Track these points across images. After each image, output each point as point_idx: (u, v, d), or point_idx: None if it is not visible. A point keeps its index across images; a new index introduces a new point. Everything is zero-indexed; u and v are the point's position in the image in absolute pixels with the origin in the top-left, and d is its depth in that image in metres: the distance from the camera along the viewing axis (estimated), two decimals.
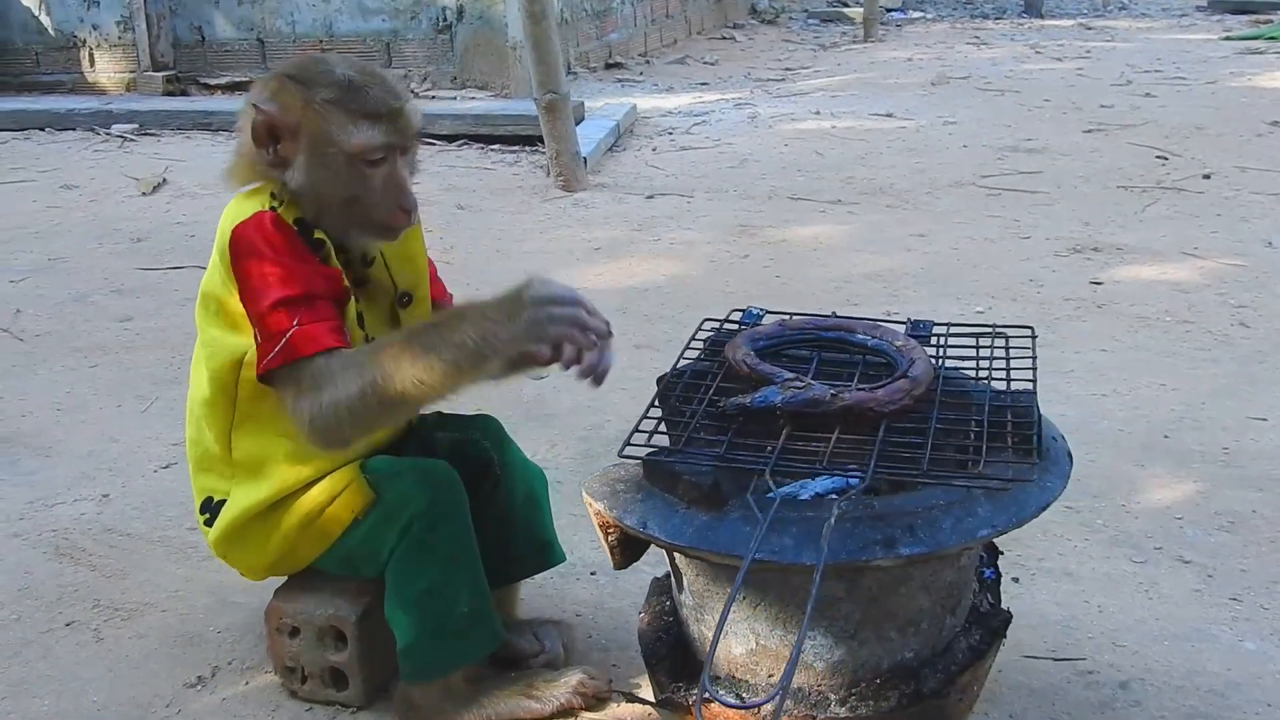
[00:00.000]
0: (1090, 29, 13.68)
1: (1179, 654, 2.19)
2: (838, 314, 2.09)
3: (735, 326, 2.11)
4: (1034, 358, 1.92)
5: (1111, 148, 6.77)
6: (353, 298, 1.93)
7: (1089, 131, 7.24)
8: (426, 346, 1.72)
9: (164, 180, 6.25)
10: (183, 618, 2.45)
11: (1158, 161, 6.40)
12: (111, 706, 2.16)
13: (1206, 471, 2.92)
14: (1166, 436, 3.12)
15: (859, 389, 1.73)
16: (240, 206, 1.91)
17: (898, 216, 5.42)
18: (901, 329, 2.02)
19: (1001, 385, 1.89)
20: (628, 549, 1.76)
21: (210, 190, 6.03)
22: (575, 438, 3.21)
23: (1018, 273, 4.55)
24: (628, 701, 2.03)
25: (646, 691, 2.09)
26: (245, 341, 1.89)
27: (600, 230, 5.26)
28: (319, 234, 1.89)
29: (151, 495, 2.97)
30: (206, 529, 2.09)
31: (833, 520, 1.51)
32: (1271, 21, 12.94)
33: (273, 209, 1.87)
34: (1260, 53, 10.94)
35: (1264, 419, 3.21)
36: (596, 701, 2.09)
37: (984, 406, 1.77)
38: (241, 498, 2.01)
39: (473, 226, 5.31)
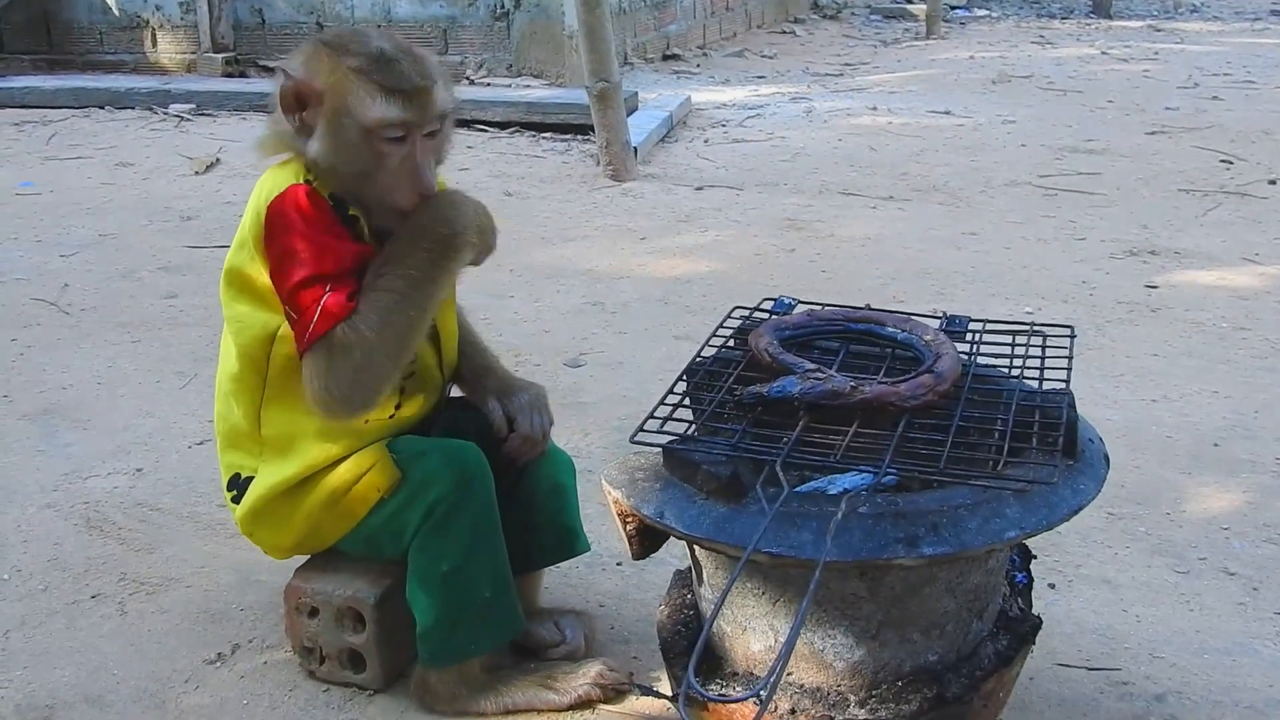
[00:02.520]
0: (1159, 31, 13.40)
1: (1219, 668, 2.11)
2: (871, 306, 2.03)
3: (765, 315, 2.06)
4: (1070, 357, 1.86)
5: (1174, 150, 6.62)
6: None
7: (1152, 133, 7.08)
8: (418, 281, 1.83)
9: (217, 160, 6.30)
10: (206, 594, 2.44)
11: (1222, 165, 6.24)
12: (130, 680, 2.16)
13: (1256, 482, 2.82)
14: (1216, 445, 3.02)
15: (881, 382, 1.68)
16: (273, 180, 1.89)
17: (950, 214, 5.33)
18: (935, 324, 1.96)
19: (1034, 384, 1.82)
20: (646, 539, 1.72)
21: (261, 171, 6.06)
22: (609, 427, 3.18)
23: (1070, 274, 4.45)
24: (644, 696, 1.99)
25: (666, 686, 2.05)
26: (277, 318, 1.88)
27: (646, 221, 5.22)
28: (354, 211, 1.87)
29: (184, 471, 2.98)
30: (233, 505, 2.08)
31: (840, 516, 1.46)
32: None
33: (307, 181, 1.85)
34: None
35: None
36: (615, 694, 2.05)
37: (1011, 405, 1.70)
38: (269, 475, 1.99)
39: (519, 213, 5.29)
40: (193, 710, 2.08)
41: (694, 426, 1.69)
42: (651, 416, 1.69)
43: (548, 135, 6.97)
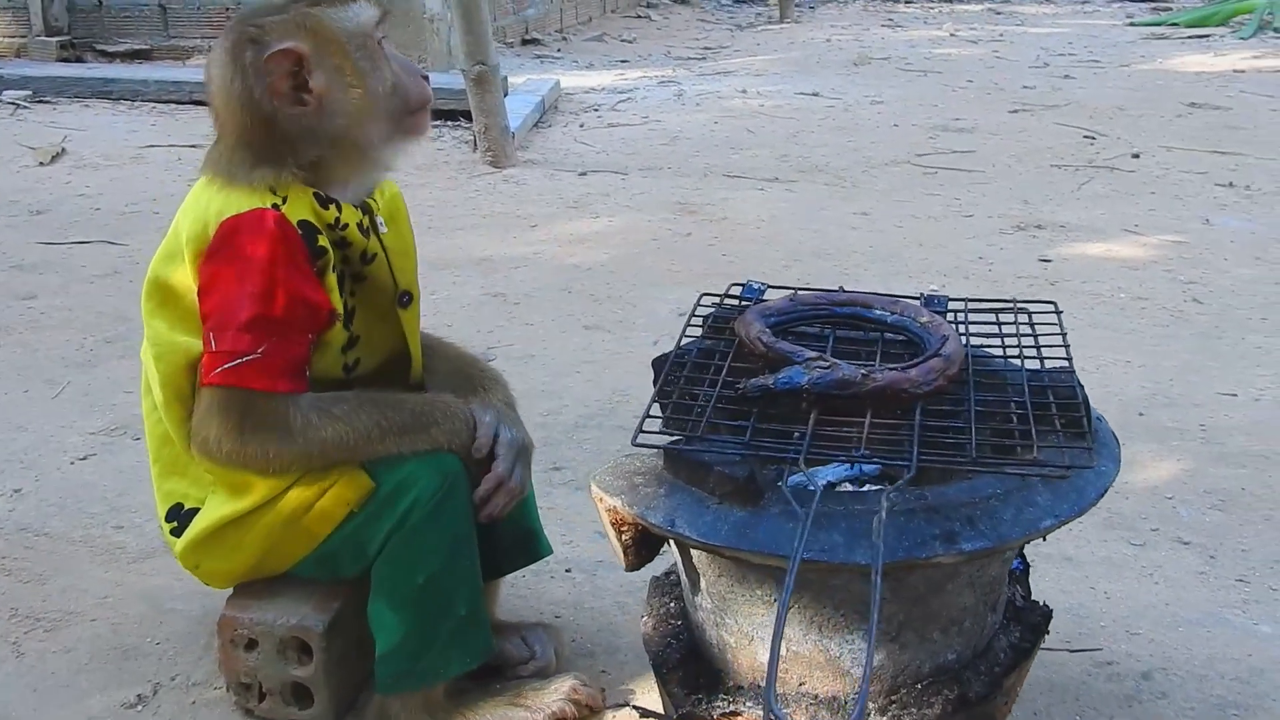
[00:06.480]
0: (999, 13, 13.83)
1: (1196, 641, 2.09)
2: (844, 288, 1.93)
3: (735, 302, 1.94)
4: (1064, 334, 1.80)
5: (1039, 127, 6.77)
6: (341, 314, 1.74)
7: (1015, 112, 7.24)
8: (382, 435, 1.73)
9: (63, 150, 5.85)
10: (115, 628, 2.20)
11: (1086, 141, 6.41)
12: None
13: (1188, 449, 2.85)
14: (1141, 414, 3.04)
15: (890, 369, 1.58)
16: (226, 200, 1.67)
17: (838, 194, 5.31)
18: (917, 304, 1.88)
19: (1031, 364, 1.76)
20: (643, 548, 1.59)
21: (113, 161, 5.68)
22: (532, 424, 2.95)
23: (965, 251, 4.47)
24: (642, 718, 1.84)
25: (643, 700, 1.93)
26: (197, 342, 1.70)
27: (534, 207, 5.05)
28: (323, 240, 1.69)
29: (70, 490, 2.71)
30: (172, 539, 1.85)
31: (883, 514, 1.35)
32: (1170, 9, 13.23)
33: (275, 206, 1.65)
34: (1165, 38, 11.15)
35: (1234, 394, 3.17)
36: (589, 711, 1.91)
37: (1023, 387, 1.63)
38: (219, 505, 1.78)
39: None
40: None
41: (697, 425, 1.55)
42: (649, 416, 1.55)
43: None
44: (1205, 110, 7.21)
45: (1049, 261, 4.34)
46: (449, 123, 6.61)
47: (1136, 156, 6.03)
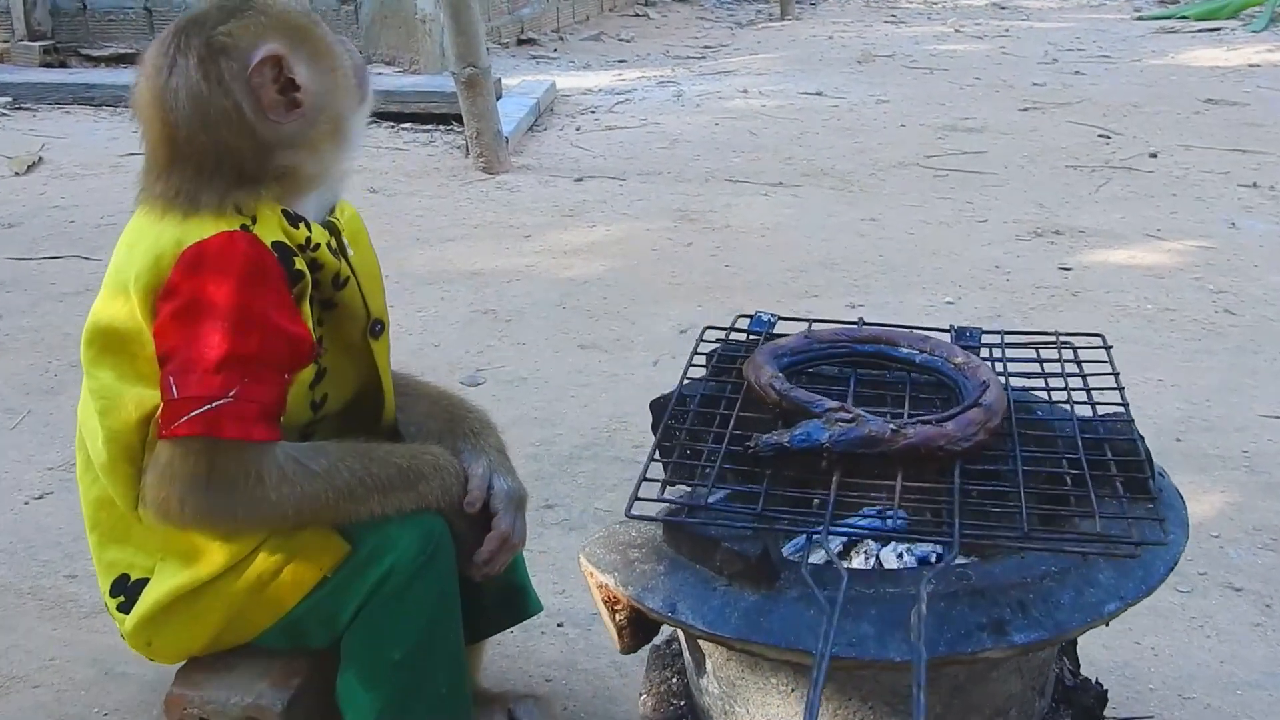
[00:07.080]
0: (1004, 8, 13.60)
1: (1257, 706, 1.89)
2: (864, 321, 1.72)
3: (743, 336, 1.73)
4: (1116, 373, 1.59)
5: (1051, 126, 6.56)
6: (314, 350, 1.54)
7: (1025, 110, 7.03)
8: (367, 493, 1.52)
9: (40, 159, 5.64)
10: (59, 695, 2.00)
11: (1100, 140, 6.20)
12: None
13: (1232, 479, 2.63)
14: (1179, 440, 2.83)
15: (923, 422, 1.37)
16: (187, 228, 1.44)
17: (845, 199, 5.10)
18: (945, 338, 1.67)
19: (1081, 408, 1.55)
20: (639, 630, 1.38)
21: (92, 170, 5.47)
22: (523, 455, 2.80)
23: (981, 258, 4.26)
24: None
25: None
26: (150, 393, 1.47)
27: (528, 216, 4.84)
28: (299, 263, 1.48)
29: (21, 534, 2.50)
30: (120, 615, 1.63)
31: (923, 608, 1.14)
32: (1178, 2, 13.00)
33: (244, 228, 1.44)
34: (1175, 32, 10.93)
35: (1277, 416, 2.95)
36: None
37: (1075, 440, 1.42)
38: (173, 574, 1.57)
39: (388, 211, 4.84)
40: None
41: (698, 491, 1.34)
42: (645, 479, 1.33)
43: (408, 125, 6.50)
44: (1222, 107, 7.00)
45: (1069, 270, 4.13)
46: (440, 127, 6.40)
47: (1154, 156, 5.82)
